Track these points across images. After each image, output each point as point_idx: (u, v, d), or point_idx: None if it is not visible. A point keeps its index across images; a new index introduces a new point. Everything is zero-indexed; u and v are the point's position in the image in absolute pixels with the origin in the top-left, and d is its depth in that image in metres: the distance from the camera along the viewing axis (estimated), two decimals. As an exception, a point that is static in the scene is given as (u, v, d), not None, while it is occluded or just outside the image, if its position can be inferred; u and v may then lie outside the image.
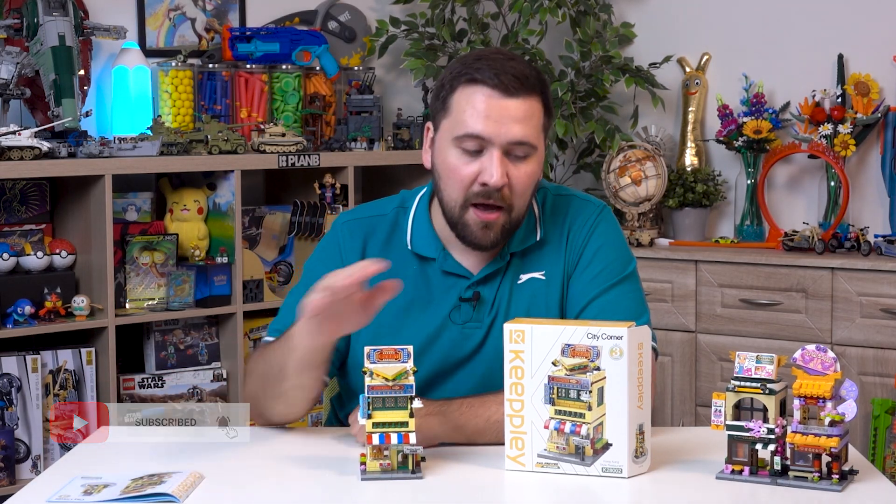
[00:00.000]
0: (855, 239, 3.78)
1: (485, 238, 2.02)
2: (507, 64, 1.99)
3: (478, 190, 2.00)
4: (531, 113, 2.00)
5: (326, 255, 2.12)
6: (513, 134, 1.98)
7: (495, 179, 1.97)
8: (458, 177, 2.01)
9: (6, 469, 3.17)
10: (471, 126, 1.98)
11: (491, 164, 1.98)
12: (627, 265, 2.11)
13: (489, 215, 2.00)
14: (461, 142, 1.99)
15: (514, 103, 1.98)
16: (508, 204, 2.01)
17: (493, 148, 1.98)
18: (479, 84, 1.98)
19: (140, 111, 3.62)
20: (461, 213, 2.02)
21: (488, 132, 1.97)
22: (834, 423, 1.73)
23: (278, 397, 1.99)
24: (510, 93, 1.97)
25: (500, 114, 1.97)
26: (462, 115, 1.99)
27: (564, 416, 1.80)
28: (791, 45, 4.15)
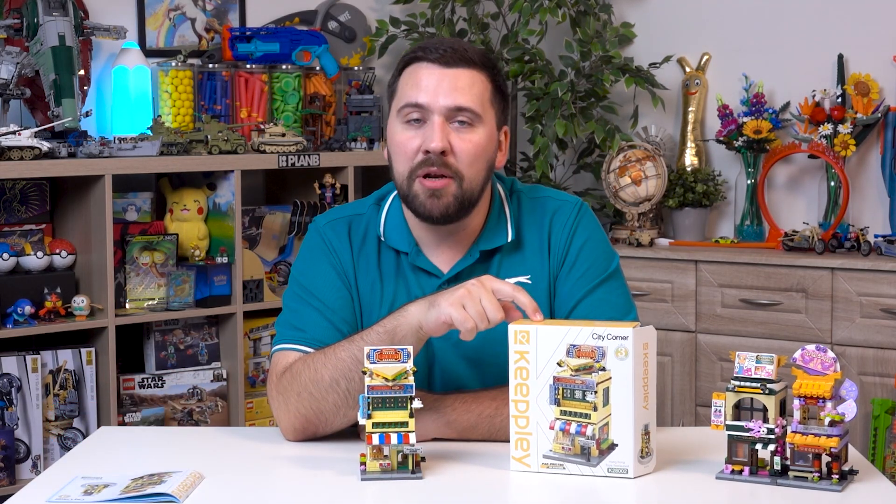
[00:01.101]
0: (855, 239, 3.78)
1: (434, 207, 2.01)
2: (448, 43, 2.05)
3: (421, 158, 2.01)
4: (471, 82, 2.02)
5: (320, 256, 2.11)
6: (451, 100, 2.00)
7: (435, 144, 1.98)
8: (403, 150, 2.02)
9: (6, 469, 3.17)
10: (411, 96, 2.01)
11: (431, 131, 2.00)
12: (611, 262, 2.11)
13: (436, 182, 2.00)
14: (404, 114, 2.02)
15: (452, 72, 2.01)
16: (455, 171, 2.01)
17: (434, 115, 2.00)
18: (421, 60, 2.03)
19: (140, 111, 3.62)
20: (409, 185, 2.02)
21: (427, 100, 2.00)
22: (834, 423, 1.73)
23: None
24: (449, 64, 2.01)
25: (439, 82, 2.01)
26: (404, 90, 2.03)
27: (570, 416, 1.80)
28: (791, 45, 4.15)
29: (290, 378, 1.98)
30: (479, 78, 2.03)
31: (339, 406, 1.95)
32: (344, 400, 1.94)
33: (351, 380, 1.92)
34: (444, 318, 1.86)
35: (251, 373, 3.68)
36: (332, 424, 1.98)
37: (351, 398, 1.93)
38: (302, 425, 1.99)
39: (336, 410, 1.95)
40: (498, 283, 1.89)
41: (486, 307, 1.85)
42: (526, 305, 1.86)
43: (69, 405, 3.31)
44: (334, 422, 1.97)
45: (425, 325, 1.89)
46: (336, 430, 2.00)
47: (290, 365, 2.00)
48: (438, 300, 1.88)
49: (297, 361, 1.99)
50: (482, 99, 2.03)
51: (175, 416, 3.52)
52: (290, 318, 2.08)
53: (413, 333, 1.90)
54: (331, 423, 1.98)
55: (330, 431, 2.00)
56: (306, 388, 1.96)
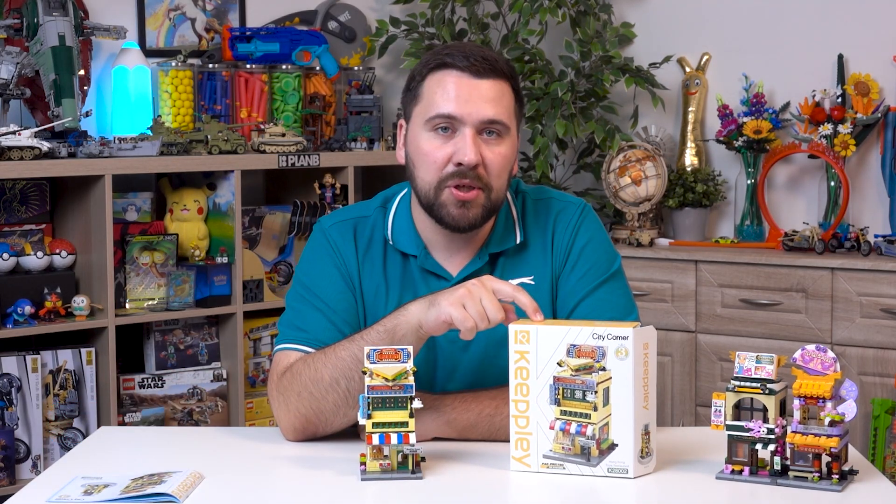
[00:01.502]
0: (855, 239, 3.78)
1: (463, 217, 2.01)
2: (475, 49, 2.03)
3: (453, 170, 1.99)
4: (501, 94, 2.01)
5: (324, 258, 2.11)
6: (484, 112, 1.99)
7: (469, 157, 1.97)
8: (431, 159, 2.01)
9: (6, 469, 3.17)
10: (442, 106, 1.99)
11: (465, 144, 1.98)
12: (613, 262, 2.12)
13: (467, 194, 2.00)
14: (433, 124, 2.00)
15: (484, 84, 2.00)
16: (485, 183, 2.01)
17: (466, 127, 1.99)
18: (449, 67, 2.00)
19: (140, 111, 3.62)
20: (437, 195, 2.01)
21: (460, 111, 1.98)
22: (834, 423, 1.73)
23: None
24: (480, 74, 1.99)
25: (471, 93, 1.99)
26: (433, 98, 2.01)
27: (570, 416, 1.80)
28: (791, 45, 4.15)
29: (291, 378, 1.98)
30: (507, 89, 2.03)
31: (339, 406, 1.95)
32: (344, 400, 1.94)
33: (351, 379, 1.92)
34: (445, 318, 1.86)
35: (251, 373, 3.68)
36: (332, 424, 1.98)
37: (351, 398, 1.93)
38: (302, 425, 1.99)
39: (336, 410, 1.95)
40: (498, 283, 1.89)
41: (487, 307, 1.85)
42: (526, 306, 1.86)
43: (69, 405, 3.31)
44: (334, 422, 1.97)
45: (425, 324, 1.89)
46: (336, 430, 2.00)
47: (291, 365, 2.00)
48: (439, 299, 1.88)
49: (298, 361, 2.00)
50: (510, 110, 2.03)
51: (175, 416, 3.52)
52: (293, 318, 2.08)
53: (413, 332, 1.90)
54: (331, 423, 1.98)
55: (330, 431, 2.00)
56: (306, 387, 1.96)
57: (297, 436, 2.01)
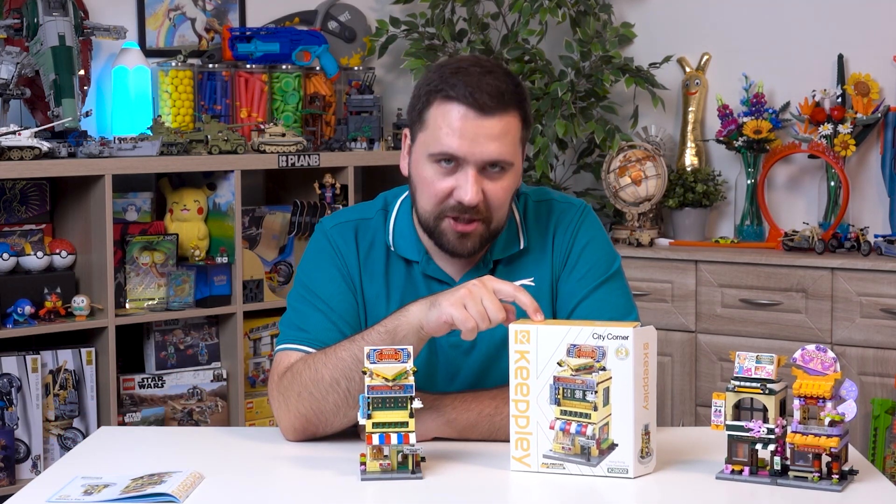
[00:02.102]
0: (855, 239, 3.78)
1: (462, 247, 2.02)
2: (483, 80, 1.96)
3: (453, 204, 1.99)
4: (507, 129, 1.97)
5: (325, 259, 2.11)
6: (488, 153, 1.96)
7: (469, 197, 1.96)
8: (432, 190, 2.00)
9: (6, 469, 3.17)
10: (446, 144, 1.96)
11: (466, 183, 1.96)
12: (612, 263, 2.11)
13: (466, 227, 1.99)
14: (436, 158, 1.98)
15: (489, 122, 1.95)
16: (485, 216, 2.00)
17: (468, 166, 1.96)
18: (454, 101, 1.95)
19: (140, 111, 3.62)
20: (436, 224, 2.01)
21: (463, 151, 1.95)
22: (834, 423, 1.73)
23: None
24: (485, 111, 1.95)
25: (476, 132, 1.95)
26: (437, 133, 1.97)
27: (570, 416, 1.80)
28: (791, 45, 4.15)
29: (291, 378, 1.98)
30: (513, 122, 1.98)
31: (339, 406, 1.95)
32: (344, 400, 1.94)
33: (351, 379, 1.92)
34: (446, 318, 1.86)
35: (251, 373, 3.68)
36: (333, 424, 1.98)
37: (351, 398, 1.93)
38: (302, 425, 1.99)
39: (336, 410, 1.95)
40: (499, 283, 1.89)
41: (488, 307, 1.85)
42: (527, 305, 1.86)
43: (69, 405, 3.31)
44: (334, 422, 1.97)
45: (426, 325, 1.89)
46: (336, 430, 2.00)
47: (292, 365, 2.00)
48: (440, 300, 1.88)
49: (298, 361, 2.00)
50: (515, 144, 1.99)
51: (175, 416, 3.52)
52: (294, 318, 2.08)
53: (414, 333, 1.90)
54: (331, 424, 1.98)
55: (330, 432, 2.00)
56: (306, 387, 1.96)
57: (298, 436, 2.01)
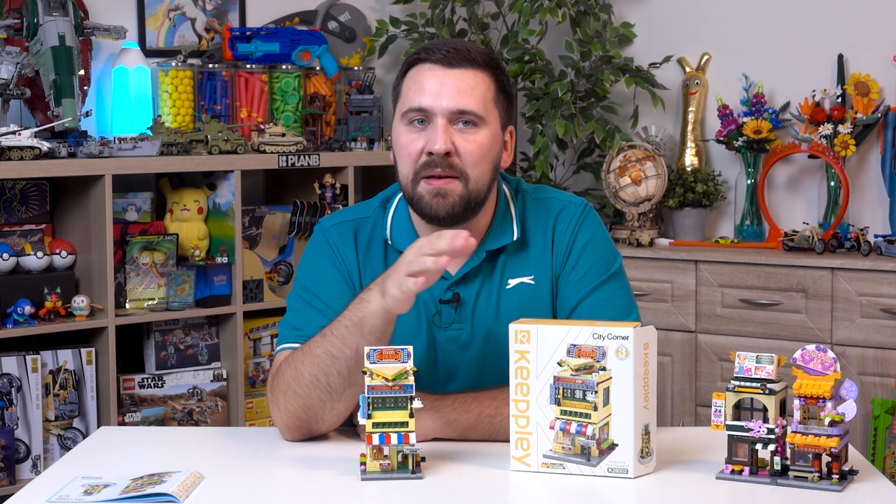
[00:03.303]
0: (855, 239, 3.78)
1: (440, 206, 2.01)
2: (451, 42, 2.05)
3: (426, 160, 2.00)
4: (474, 83, 2.02)
5: (324, 258, 2.11)
6: (454, 102, 2.00)
7: (438, 146, 1.98)
8: (406, 152, 2.02)
9: (6, 469, 3.17)
10: (414, 100, 2.01)
11: (434, 133, 1.99)
12: (613, 262, 2.11)
13: (439, 182, 2.00)
14: (409, 118, 2.02)
15: (454, 73, 2.01)
16: (460, 172, 2.01)
17: (437, 117, 2.00)
18: (423, 62, 2.03)
19: (140, 111, 3.62)
20: (413, 187, 2.02)
21: (428, 102, 2.00)
22: (834, 423, 1.73)
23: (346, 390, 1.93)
24: (451, 64, 2.01)
25: (441, 84, 2.00)
26: (408, 93, 2.03)
27: (570, 416, 1.80)
28: (791, 45, 4.15)
29: (279, 378, 2.00)
30: (483, 78, 2.03)
31: (323, 401, 1.95)
32: (327, 395, 1.94)
33: (329, 374, 1.93)
34: (405, 289, 1.85)
35: (251, 373, 3.68)
36: (324, 419, 1.98)
37: (334, 392, 1.93)
38: (295, 424, 2.00)
39: (322, 405, 1.96)
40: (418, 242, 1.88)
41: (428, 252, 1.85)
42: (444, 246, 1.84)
43: (69, 405, 3.31)
44: (324, 416, 1.97)
45: (393, 306, 1.88)
46: (331, 425, 2.00)
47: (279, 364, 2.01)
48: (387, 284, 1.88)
49: (283, 361, 2.01)
50: (485, 100, 2.03)
51: (175, 416, 3.52)
52: (292, 318, 2.08)
53: (381, 319, 1.89)
54: (322, 419, 1.98)
55: (326, 427, 2.00)
56: (290, 386, 1.97)
57: (294, 435, 2.01)
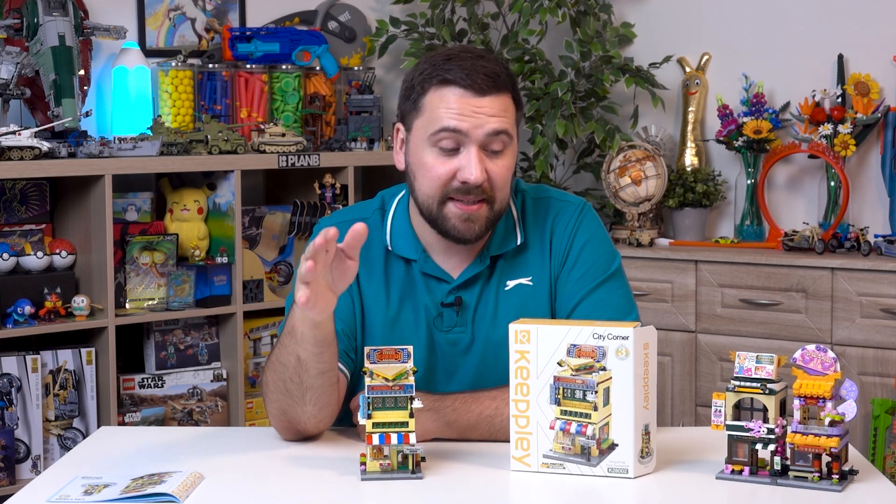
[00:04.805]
0: (855, 239, 3.78)
1: (468, 231, 2.01)
2: (477, 63, 2.00)
3: (457, 186, 1.99)
4: (504, 108, 2.00)
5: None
6: (491, 126, 1.98)
7: (475, 176, 1.97)
8: (434, 174, 2.00)
9: (6, 469, 3.17)
10: (447, 122, 1.98)
11: (469, 162, 1.97)
12: (612, 262, 2.11)
13: (471, 207, 2.00)
14: (437, 139, 1.99)
15: (487, 100, 1.98)
16: (489, 196, 2.01)
17: (471, 143, 1.98)
18: (451, 85, 1.98)
19: (140, 111, 3.62)
20: (440, 209, 2.01)
21: (465, 126, 1.97)
22: (834, 423, 1.73)
23: (306, 394, 1.93)
24: (483, 91, 1.98)
25: (475, 111, 1.98)
26: (436, 113, 1.99)
27: (570, 416, 1.80)
28: (791, 45, 4.15)
29: (262, 381, 2.01)
30: (508, 102, 2.02)
31: (291, 405, 1.95)
32: (291, 399, 1.94)
33: (285, 380, 1.92)
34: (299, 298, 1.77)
35: (251, 373, 3.68)
36: (301, 421, 1.97)
37: (294, 397, 1.93)
38: (281, 425, 2.01)
39: (292, 409, 1.95)
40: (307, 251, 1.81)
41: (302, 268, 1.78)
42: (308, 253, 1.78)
43: (69, 405, 3.31)
44: (300, 419, 1.97)
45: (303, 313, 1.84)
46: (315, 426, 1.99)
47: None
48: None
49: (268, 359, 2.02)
50: (512, 122, 2.02)
51: (175, 416, 3.52)
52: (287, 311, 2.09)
53: (305, 323, 1.86)
54: (299, 421, 1.97)
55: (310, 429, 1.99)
56: (264, 391, 1.99)
57: (286, 434, 2.02)
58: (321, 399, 1.94)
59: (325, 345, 1.89)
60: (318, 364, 1.90)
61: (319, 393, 1.93)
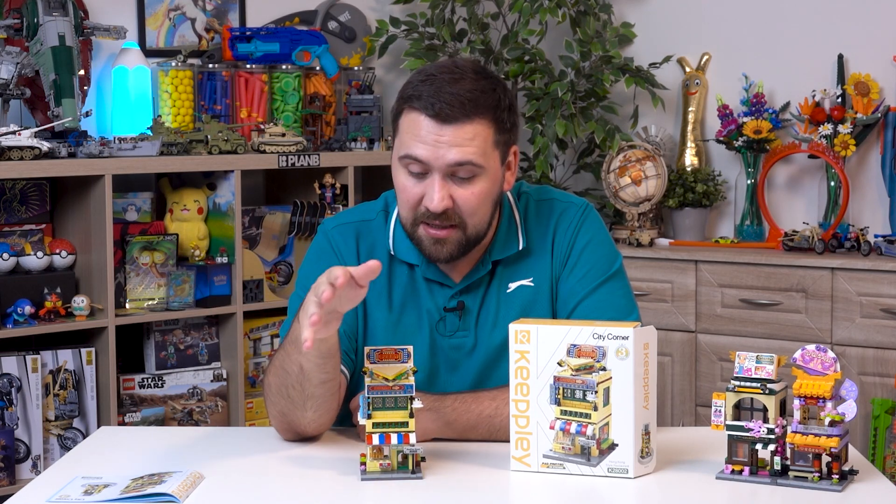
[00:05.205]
0: (855, 239, 3.78)
1: (438, 253, 2.01)
2: (447, 89, 1.95)
3: (424, 211, 1.99)
4: (473, 135, 1.96)
5: (326, 260, 2.10)
6: (451, 157, 1.95)
7: (434, 204, 1.96)
8: (405, 196, 2.01)
9: (6, 469, 3.17)
10: (411, 149, 1.97)
11: (432, 190, 1.97)
12: (614, 262, 2.11)
13: (439, 232, 1.99)
14: (405, 163, 1.99)
15: (449, 130, 1.95)
16: (459, 221, 2.00)
17: (434, 172, 1.97)
18: (417, 111, 1.97)
19: (140, 111, 3.62)
20: (413, 230, 2.02)
21: (426, 156, 1.96)
22: (834, 423, 1.73)
23: (307, 401, 1.94)
24: (446, 120, 1.94)
25: (436, 140, 1.95)
26: (404, 138, 1.99)
27: (570, 416, 1.80)
28: (791, 45, 4.15)
29: (264, 382, 2.01)
30: (480, 127, 1.97)
31: (291, 409, 1.96)
32: (292, 404, 1.95)
33: (287, 387, 1.93)
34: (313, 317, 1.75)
35: (251, 373, 3.68)
36: (301, 424, 1.98)
37: (296, 402, 1.94)
38: (281, 426, 2.01)
39: (292, 413, 1.96)
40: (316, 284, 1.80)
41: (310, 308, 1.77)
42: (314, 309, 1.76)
43: (69, 405, 3.31)
44: (299, 422, 1.98)
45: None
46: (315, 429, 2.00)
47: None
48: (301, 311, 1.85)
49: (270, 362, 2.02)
50: (483, 148, 1.98)
51: (175, 416, 3.52)
52: (290, 318, 2.08)
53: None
54: (299, 424, 1.98)
55: (310, 431, 2.00)
56: (266, 394, 1.99)
57: (286, 435, 2.02)
58: (322, 406, 1.95)
59: (329, 356, 1.89)
60: (321, 374, 1.91)
61: (321, 401, 1.94)
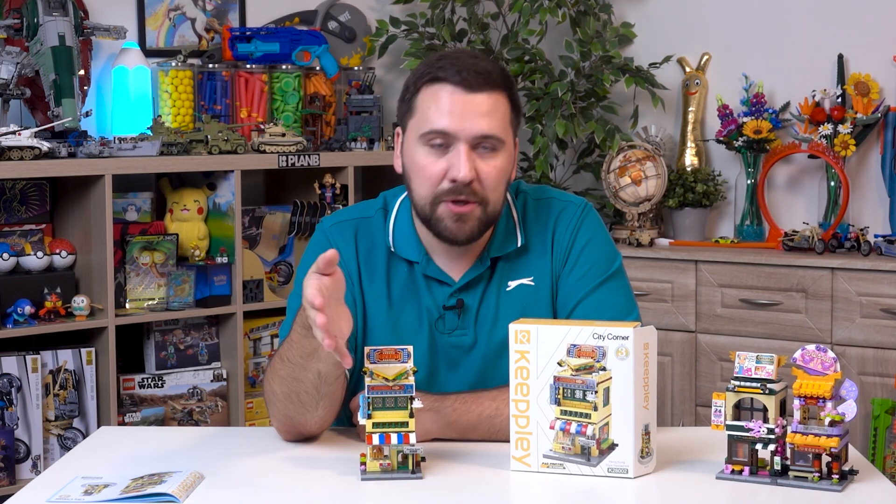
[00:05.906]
0: (855, 239, 3.78)
1: (460, 231, 2.00)
2: (469, 61, 2.00)
3: (448, 187, 1.98)
4: (496, 107, 1.99)
5: None
6: (479, 128, 1.97)
7: (463, 174, 1.96)
8: (426, 174, 2.00)
9: (6, 469, 3.17)
10: (436, 122, 1.97)
11: (458, 160, 1.97)
12: (613, 262, 2.11)
13: (462, 208, 1.99)
14: (428, 139, 1.99)
15: (478, 98, 1.97)
16: (481, 198, 2.00)
17: (460, 143, 1.97)
18: (442, 82, 1.98)
19: (140, 111, 3.62)
20: (433, 210, 2.01)
21: (453, 127, 1.97)
22: (834, 423, 1.73)
23: (320, 401, 1.94)
24: (473, 88, 1.97)
25: (464, 108, 1.97)
26: (427, 113, 1.99)
27: (570, 416, 1.80)
28: (791, 45, 4.16)
29: (264, 386, 2.01)
30: (501, 101, 2.00)
31: (300, 412, 1.96)
32: (303, 407, 1.95)
33: (298, 392, 1.93)
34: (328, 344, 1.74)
35: (251, 373, 3.68)
36: (307, 424, 1.98)
37: (307, 405, 1.94)
38: (284, 428, 2.01)
39: (301, 416, 1.96)
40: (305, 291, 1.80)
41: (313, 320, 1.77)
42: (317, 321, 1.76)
43: (69, 405, 3.31)
44: (307, 422, 1.98)
45: None
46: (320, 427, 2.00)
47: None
48: None
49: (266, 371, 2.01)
50: (504, 122, 2.01)
51: (175, 416, 3.52)
52: (289, 318, 2.08)
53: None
54: (306, 424, 1.98)
55: (315, 430, 2.00)
56: (270, 399, 1.99)
57: (287, 436, 2.02)
58: (333, 402, 1.97)
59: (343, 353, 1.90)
60: (336, 370, 1.92)
61: (333, 398, 1.95)
